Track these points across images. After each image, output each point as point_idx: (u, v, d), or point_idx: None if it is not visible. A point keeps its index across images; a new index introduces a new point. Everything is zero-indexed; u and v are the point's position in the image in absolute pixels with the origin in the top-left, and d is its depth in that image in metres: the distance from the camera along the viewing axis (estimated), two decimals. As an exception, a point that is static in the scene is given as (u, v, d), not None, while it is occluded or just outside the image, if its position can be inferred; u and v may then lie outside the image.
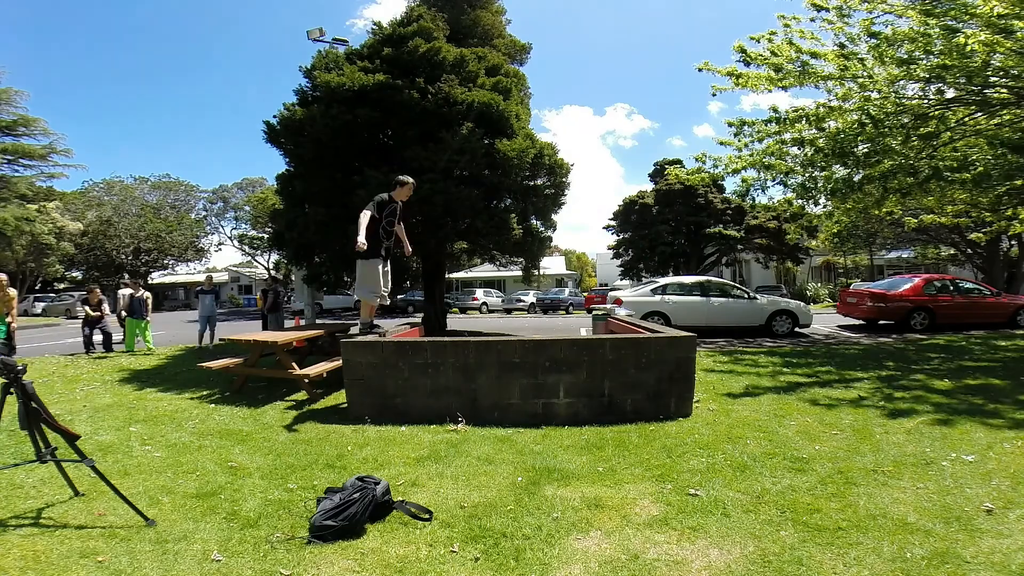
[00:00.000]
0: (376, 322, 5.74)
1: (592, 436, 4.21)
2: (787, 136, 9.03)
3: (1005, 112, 8.21)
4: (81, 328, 10.26)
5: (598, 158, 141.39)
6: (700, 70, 8.87)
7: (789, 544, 2.50)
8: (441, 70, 8.89)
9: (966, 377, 6.36)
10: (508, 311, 28.14)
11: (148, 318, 10.11)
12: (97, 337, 10.14)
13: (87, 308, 10.04)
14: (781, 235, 25.85)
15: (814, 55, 8.18)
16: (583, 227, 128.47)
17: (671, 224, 28.56)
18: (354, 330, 5.96)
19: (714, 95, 9.04)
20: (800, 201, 10.09)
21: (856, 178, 9.23)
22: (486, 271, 35.92)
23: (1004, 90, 7.67)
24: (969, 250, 20.75)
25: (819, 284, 31.81)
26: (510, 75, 9.95)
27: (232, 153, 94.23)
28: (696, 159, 9.87)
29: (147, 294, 10.29)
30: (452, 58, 9.01)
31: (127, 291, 10.26)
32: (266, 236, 35.76)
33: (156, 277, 43.33)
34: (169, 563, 2.39)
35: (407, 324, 7.13)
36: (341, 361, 5.07)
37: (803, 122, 8.64)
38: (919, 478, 3.27)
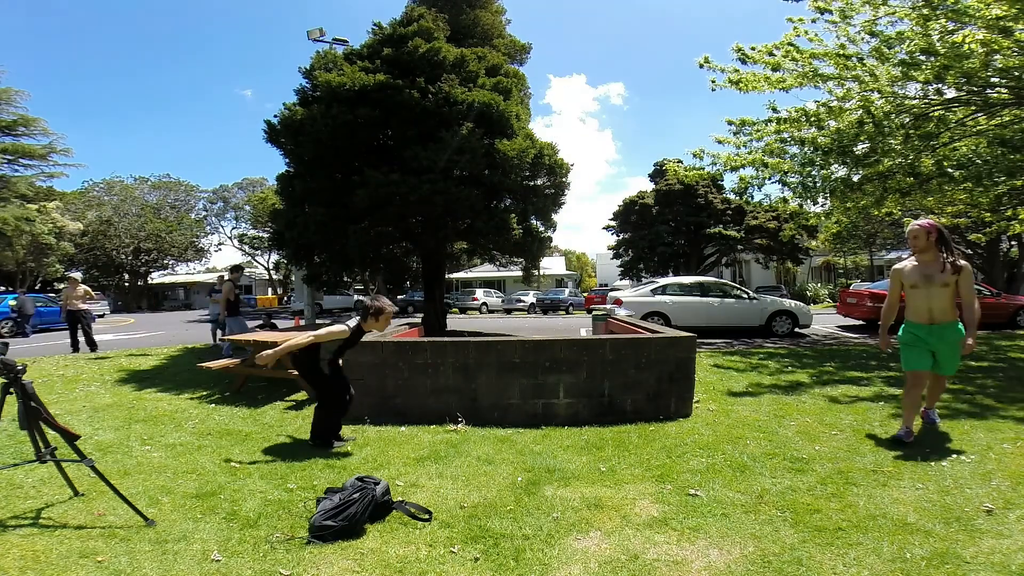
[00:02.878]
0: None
1: (592, 436, 4.21)
2: (786, 136, 9.03)
3: (1005, 112, 8.21)
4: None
5: (599, 159, 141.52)
6: (701, 66, 8.87)
7: (789, 544, 2.50)
8: (441, 70, 8.89)
9: (966, 377, 6.36)
10: (508, 311, 28.11)
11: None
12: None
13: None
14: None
15: (814, 55, 8.18)
16: (582, 227, 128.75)
17: (671, 224, 28.55)
18: None
19: (713, 91, 9.03)
20: (799, 201, 10.07)
21: (855, 177, 9.22)
22: (486, 271, 35.94)
23: (1004, 91, 7.67)
24: (969, 250, 20.74)
25: (819, 284, 31.82)
26: (510, 75, 9.95)
27: (232, 153, 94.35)
28: (694, 155, 9.77)
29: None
30: (452, 58, 9.01)
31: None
32: (266, 236, 35.79)
33: (156, 277, 43.35)
34: (169, 563, 2.38)
35: (407, 324, 7.13)
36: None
37: (803, 121, 8.64)
38: (919, 478, 3.27)
